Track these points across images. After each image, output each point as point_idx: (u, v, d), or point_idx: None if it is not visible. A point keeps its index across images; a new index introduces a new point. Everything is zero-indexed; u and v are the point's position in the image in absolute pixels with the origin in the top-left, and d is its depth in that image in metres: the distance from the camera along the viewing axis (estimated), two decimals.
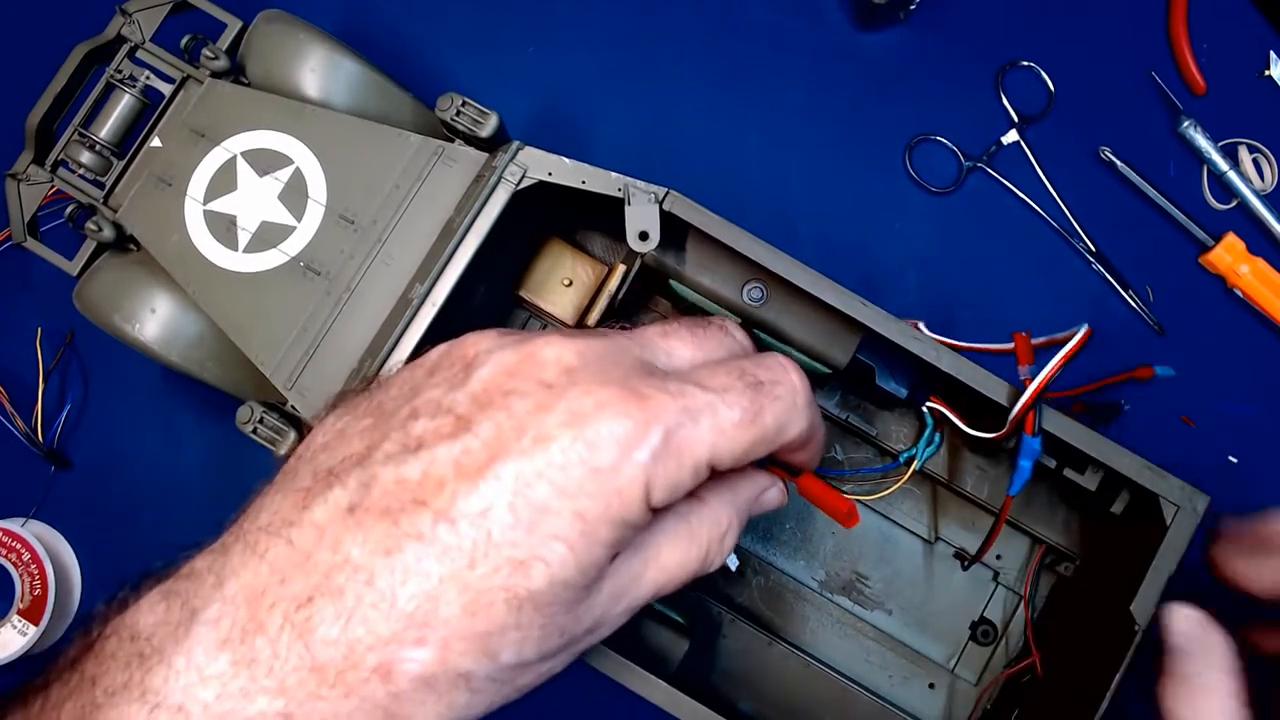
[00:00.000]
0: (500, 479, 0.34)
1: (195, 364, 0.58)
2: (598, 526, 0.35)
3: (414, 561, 0.34)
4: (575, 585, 0.35)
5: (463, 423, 0.36)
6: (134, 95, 0.60)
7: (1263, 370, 0.69)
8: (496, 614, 0.34)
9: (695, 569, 0.41)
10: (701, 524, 0.41)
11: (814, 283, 0.52)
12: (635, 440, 0.35)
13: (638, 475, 0.35)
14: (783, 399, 0.39)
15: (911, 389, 0.56)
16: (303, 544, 0.35)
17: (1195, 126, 0.69)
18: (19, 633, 0.66)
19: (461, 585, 0.34)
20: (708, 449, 0.37)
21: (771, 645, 0.61)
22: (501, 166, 0.53)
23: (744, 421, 0.38)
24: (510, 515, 0.34)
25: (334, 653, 0.34)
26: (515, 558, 0.34)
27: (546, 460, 0.34)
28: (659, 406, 0.36)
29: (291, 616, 0.34)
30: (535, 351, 0.37)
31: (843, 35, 0.73)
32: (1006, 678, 0.60)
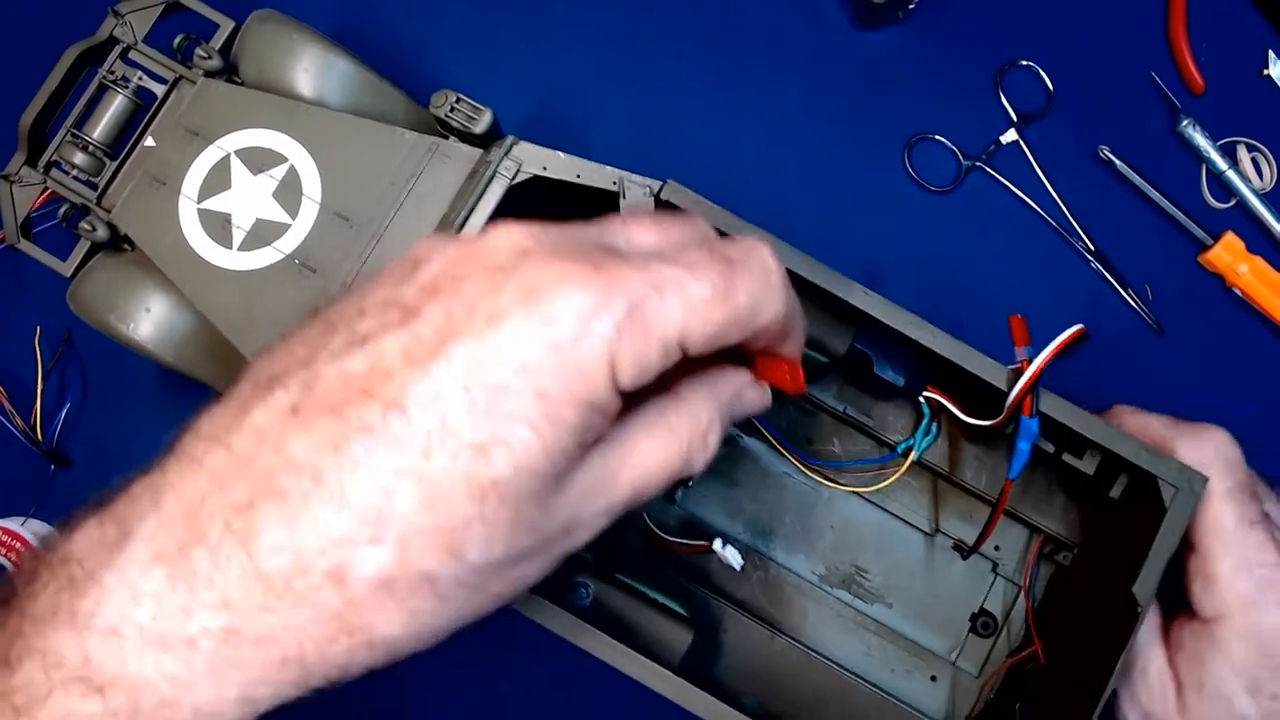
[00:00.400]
0: (452, 361, 0.32)
1: (191, 363, 0.58)
2: (561, 407, 0.32)
3: (363, 454, 0.31)
4: (543, 473, 0.33)
5: (410, 312, 0.33)
6: (127, 96, 0.60)
7: (1262, 369, 0.68)
8: (458, 506, 0.32)
9: (676, 467, 0.38)
10: (680, 418, 0.38)
11: (811, 269, 0.52)
12: (596, 311, 0.32)
13: (601, 349, 0.32)
14: (755, 275, 0.36)
15: (909, 378, 0.55)
16: (242, 449, 0.33)
17: (1194, 126, 0.69)
18: None
19: (417, 476, 0.31)
20: (677, 326, 0.34)
21: (773, 639, 0.61)
22: (496, 161, 0.53)
23: (715, 298, 0.35)
24: (465, 398, 0.31)
25: (280, 560, 0.31)
26: (474, 441, 0.31)
27: (500, 339, 0.32)
28: (621, 278, 0.33)
29: (232, 524, 0.32)
30: (485, 239, 0.35)
31: (842, 35, 0.73)
32: (1008, 668, 0.60)
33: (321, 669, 0.33)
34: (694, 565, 0.62)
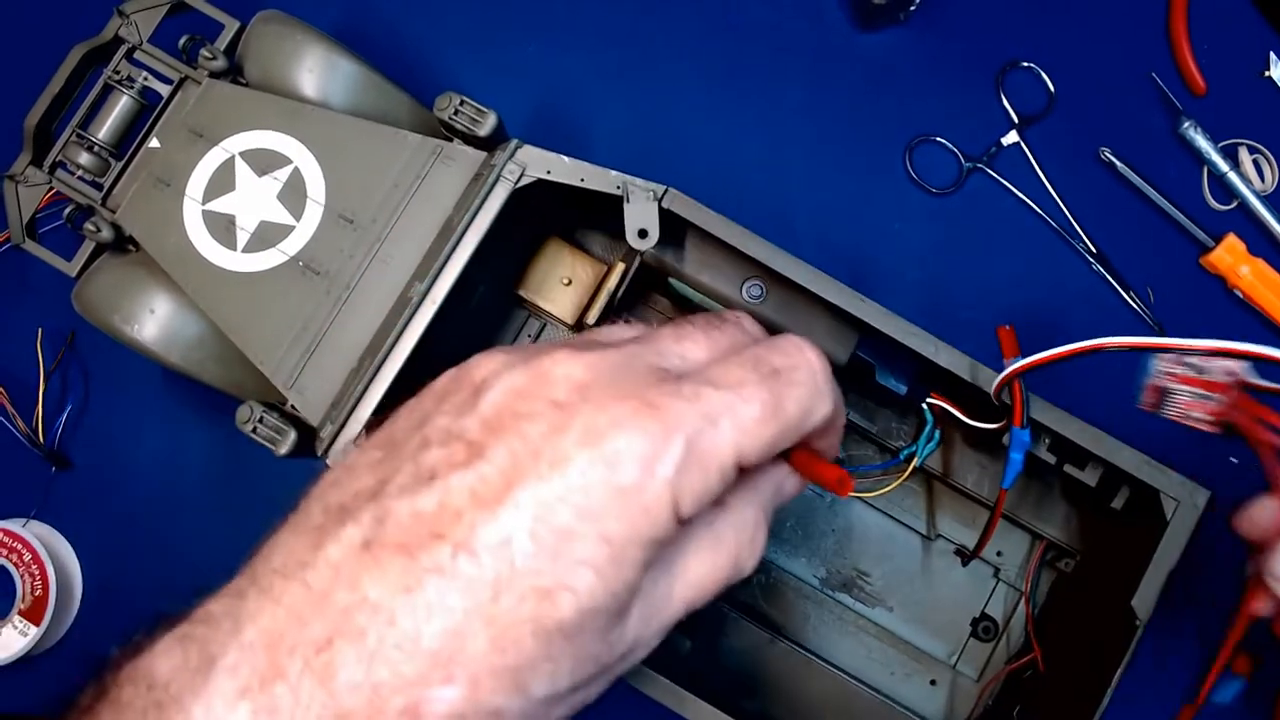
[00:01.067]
0: (519, 506, 0.33)
1: (195, 364, 0.58)
2: (626, 549, 0.33)
3: (436, 597, 0.32)
4: (606, 611, 0.34)
5: (475, 449, 0.34)
6: (132, 96, 0.60)
7: (1263, 371, 0.68)
8: (525, 647, 0.33)
9: (727, 576, 0.39)
10: (727, 528, 0.38)
11: (813, 279, 0.52)
12: (656, 454, 0.33)
13: (663, 491, 0.33)
14: (803, 384, 0.37)
15: (911, 386, 0.56)
16: (319, 585, 0.34)
17: (1195, 127, 0.69)
18: (20, 633, 0.66)
19: (487, 619, 0.32)
20: (733, 450, 0.35)
21: (773, 643, 0.61)
22: (500, 165, 0.53)
23: (765, 416, 0.36)
24: (532, 543, 0.32)
25: (358, 698, 0.32)
26: (541, 586, 0.32)
27: (566, 484, 0.33)
28: (676, 415, 0.34)
29: (311, 661, 0.32)
30: (544, 370, 0.36)
31: (843, 35, 0.73)
32: (1008, 674, 0.60)
33: None
34: None
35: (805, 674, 0.61)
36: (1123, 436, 0.52)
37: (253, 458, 0.62)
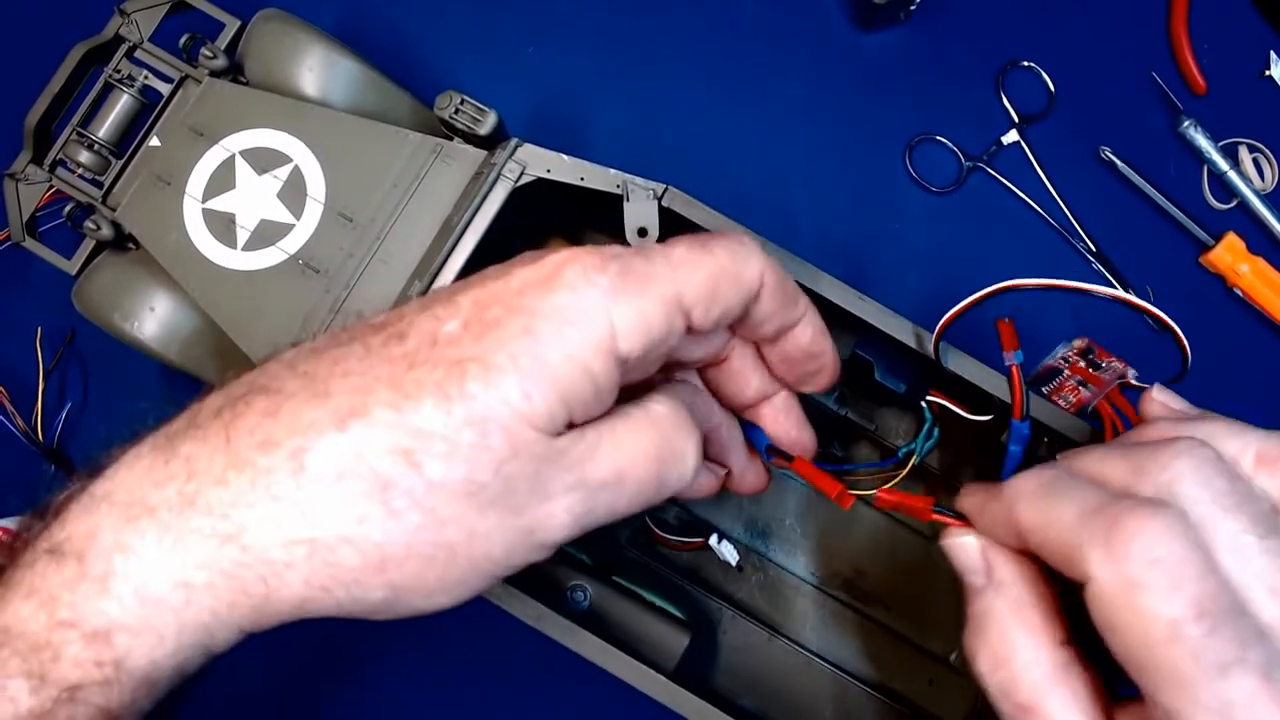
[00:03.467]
0: (457, 304, 0.35)
1: (194, 362, 0.58)
2: (546, 347, 0.34)
3: (355, 364, 0.34)
4: (514, 408, 0.33)
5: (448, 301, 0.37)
6: (132, 95, 0.61)
7: (1263, 370, 0.69)
8: (424, 413, 0.33)
9: (653, 467, 0.37)
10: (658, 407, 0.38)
11: (813, 278, 0.52)
12: (593, 268, 0.35)
13: (597, 300, 0.35)
14: (729, 239, 0.39)
15: (910, 384, 0.56)
16: (261, 369, 0.36)
17: (1195, 126, 0.69)
18: None
19: (392, 380, 0.33)
20: (670, 280, 0.36)
21: (771, 641, 0.61)
22: (500, 163, 0.53)
23: (692, 252, 0.37)
24: (460, 327, 0.34)
25: (250, 439, 0.33)
26: (453, 358, 0.33)
27: (504, 286, 0.35)
28: (614, 250, 0.36)
29: (223, 413, 0.35)
30: None
31: (843, 35, 0.73)
32: None
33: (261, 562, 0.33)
34: (692, 566, 0.63)
35: (803, 672, 0.61)
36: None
37: None
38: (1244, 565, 0.31)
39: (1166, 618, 0.29)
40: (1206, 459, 0.33)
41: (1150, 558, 0.30)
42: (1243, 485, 0.33)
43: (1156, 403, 0.42)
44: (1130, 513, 0.31)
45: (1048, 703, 0.34)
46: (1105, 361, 0.47)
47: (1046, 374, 0.49)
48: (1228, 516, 0.31)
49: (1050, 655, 0.35)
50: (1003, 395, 0.51)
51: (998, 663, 0.36)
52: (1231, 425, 0.36)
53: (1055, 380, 0.49)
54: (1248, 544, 0.31)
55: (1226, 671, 0.29)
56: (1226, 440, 0.35)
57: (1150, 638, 0.30)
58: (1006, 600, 0.37)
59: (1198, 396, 0.67)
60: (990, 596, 0.37)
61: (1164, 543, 0.30)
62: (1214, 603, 0.30)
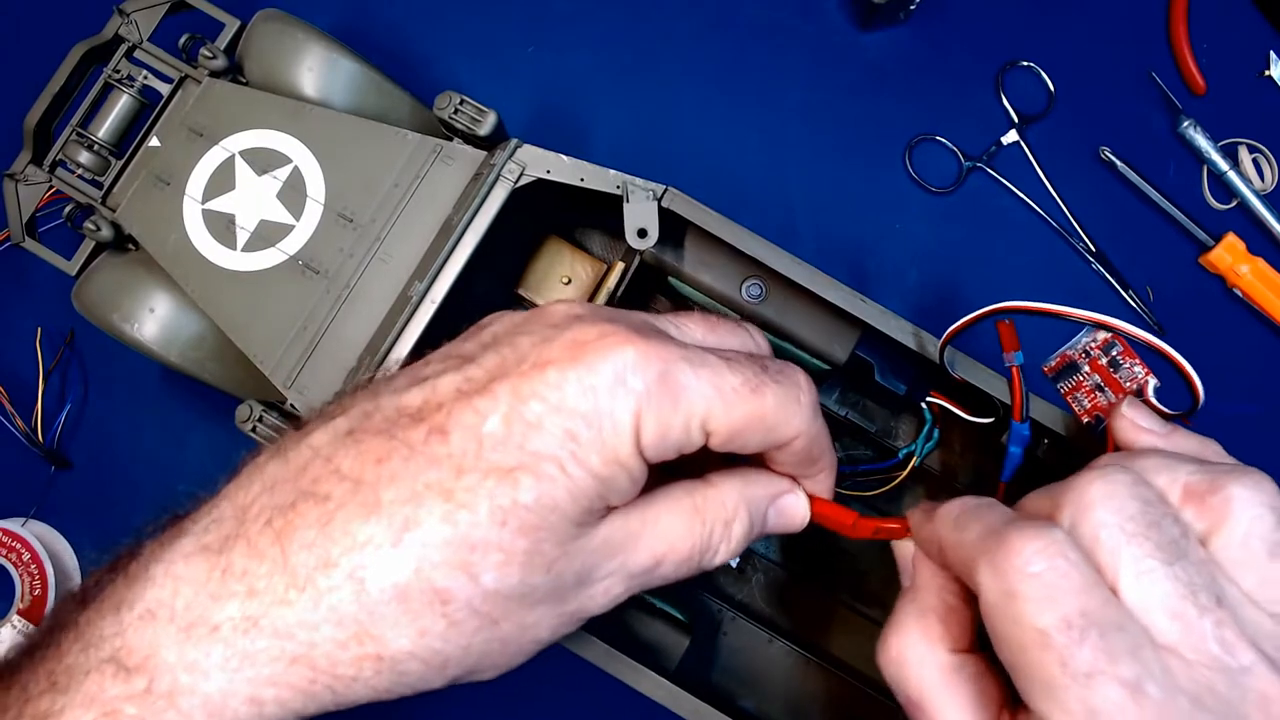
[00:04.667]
0: (495, 396, 0.35)
1: (194, 363, 0.58)
2: (588, 451, 0.34)
3: (401, 467, 0.34)
4: (563, 511, 0.34)
5: (468, 359, 0.37)
6: (132, 95, 0.60)
7: (1263, 370, 0.69)
8: (480, 525, 0.33)
9: (696, 549, 0.39)
10: (706, 501, 0.39)
11: (813, 279, 0.52)
12: (632, 368, 0.35)
13: (629, 403, 0.34)
14: (786, 387, 0.38)
15: (910, 385, 0.56)
16: (297, 460, 0.36)
17: (1195, 126, 0.69)
18: (19, 633, 0.65)
19: (445, 492, 0.33)
20: (703, 402, 0.36)
21: (772, 642, 0.61)
22: (500, 164, 0.53)
23: (744, 389, 0.36)
24: (503, 427, 0.34)
25: (308, 556, 0.33)
26: (503, 466, 0.34)
27: (543, 380, 0.34)
28: (660, 346, 0.35)
29: (274, 522, 0.34)
30: (545, 307, 0.39)
31: (843, 35, 0.73)
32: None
33: (329, 676, 0.34)
34: None
35: (804, 673, 0.61)
36: None
37: None
38: (1146, 588, 0.32)
39: (1038, 626, 0.31)
40: (1120, 484, 0.34)
41: (1027, 571, 0.31)
42: (1155, 512, 0.33)
43: (1125, 419, 0.42)
44: (1017, 531, 0.33)
45: (935, 700, 0.36)
46: (1128, 362, 0.47)
47: (1064, 367, 0.48)
48: (1133, 541, 0.32)
49: (942, 659, 0.37)
50: (1004, 396, 0.51)
51: (894, 659, 0.38)
52: (1166, 459, 0.36)
53: (1073, 377, 0.48)
54: (1151, 568, 0.32)
55: (1091, 680, 0.30)
56: (1158, 473, 0.36)
57: (1024, 644, 0.31)
58: (916, 604, 0.39)
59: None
60: (906, 599, 0.39)
61: (1042, 558, 0.32)
62: (1086, 616, 0.30)
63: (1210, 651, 0.31)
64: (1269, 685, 0.30)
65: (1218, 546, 0.34)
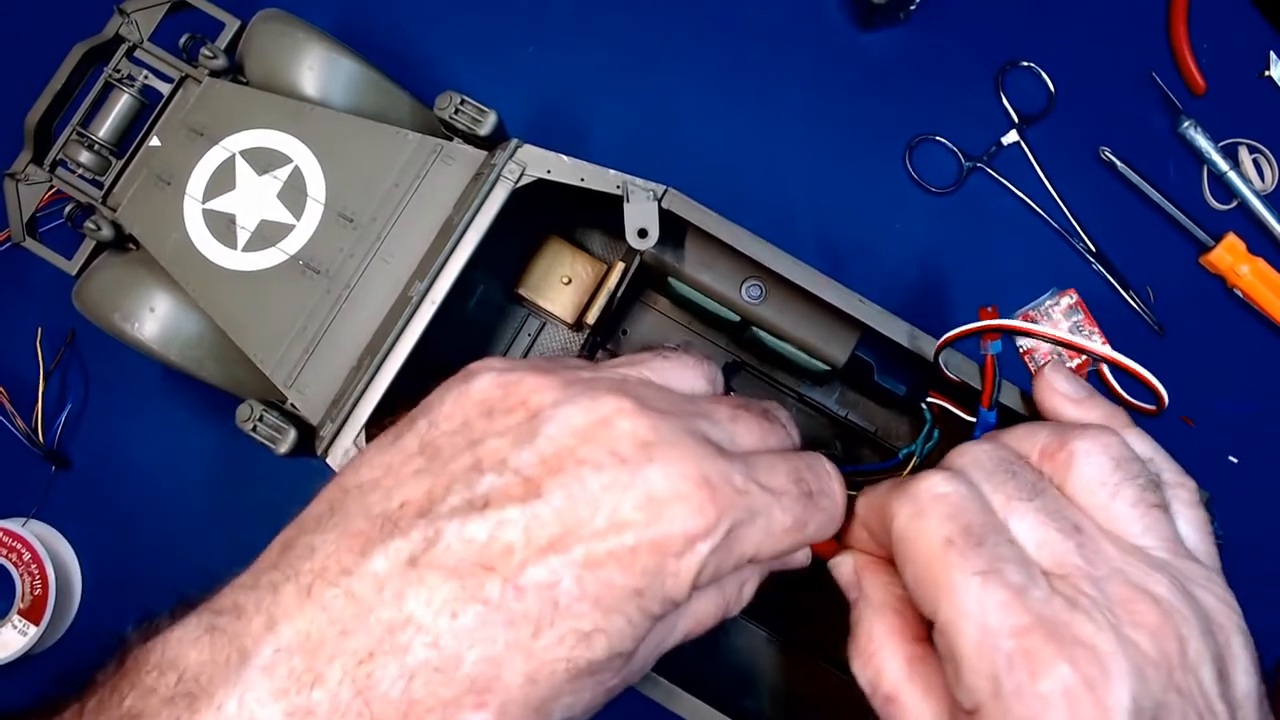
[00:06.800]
0: (570, 554, 0.34)
1: (194, 363, 0.58)
2: (652, 603, 0.36)
3: (480, 626, 0.34)
4: (627, 654, 0.36)
5: (532, 486, 0.36)
6: (132, 95, 0.61)
7: (1263, 370, 0.69)
8: (556, 682, 0.34)
9: (720, 618, 0.42)
10: (729, 583, 0.41)
11: (813, 280, 0.52)
12: (701, 535, 0.36)
13: (696, 565, 0.36)
14: (827, 511, 0.41)
15: (910, 385, 0.56)
16: (363, 595, 0.34)
17: (1195, 127, 0.69)
18: (19, 633, 0.66)
19: (526, 653, 0.34)
20: (755, 547, 0.38)
21: (771, 641, 0.61)
22: (500, 164, 0.53)
23: (792, 528, 0.39)
24: (577, 588, 0.34)
25: (393, 712, 0.33)
26: (579, 630, 0.34)
27: (619, 542, 0.35)
28: (727, 503, 0.36)
29: (352, 671, 0.33)
30: (608, 418, 0.37)
31: (843, 35, 0.73)
32: None
33: None
34: None
35: (804, 673, 0.61)
36: None
37: (253, 456, 0.62)
38: (1018, 522, 0.38)
39: (941, 535, 0.37)
40: (984, 450, 0.41)
41: (935, 493, 0.38)
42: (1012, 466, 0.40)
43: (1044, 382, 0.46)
44: (923, 475, 0.39)
45: (905, 692, 0.39)
46: (1089, 329, 0.48)
47: None
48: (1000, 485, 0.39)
49: (906, 650, 0.40)
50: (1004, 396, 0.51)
51: (865, 660, 0.41)
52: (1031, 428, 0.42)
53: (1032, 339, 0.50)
54: (1018, 506, 0.38)
55: (986, 580, 0.35)
56: (1020, 440, 0.42)
57: (929, 554, 0.37)
58: (870, 606, 0.42)
59: (1198, 397, 0.67)
60: (860, 606, 0.43)
61: (947, 484, 0.38)
62: (982, 529, 0.37)
63: (1075, 564, 0.36)
64: (1126, 590, 0.36)
65: (1070, 493, 0.39)
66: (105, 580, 0.70)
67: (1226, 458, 0.67)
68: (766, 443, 0.42)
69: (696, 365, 0.44)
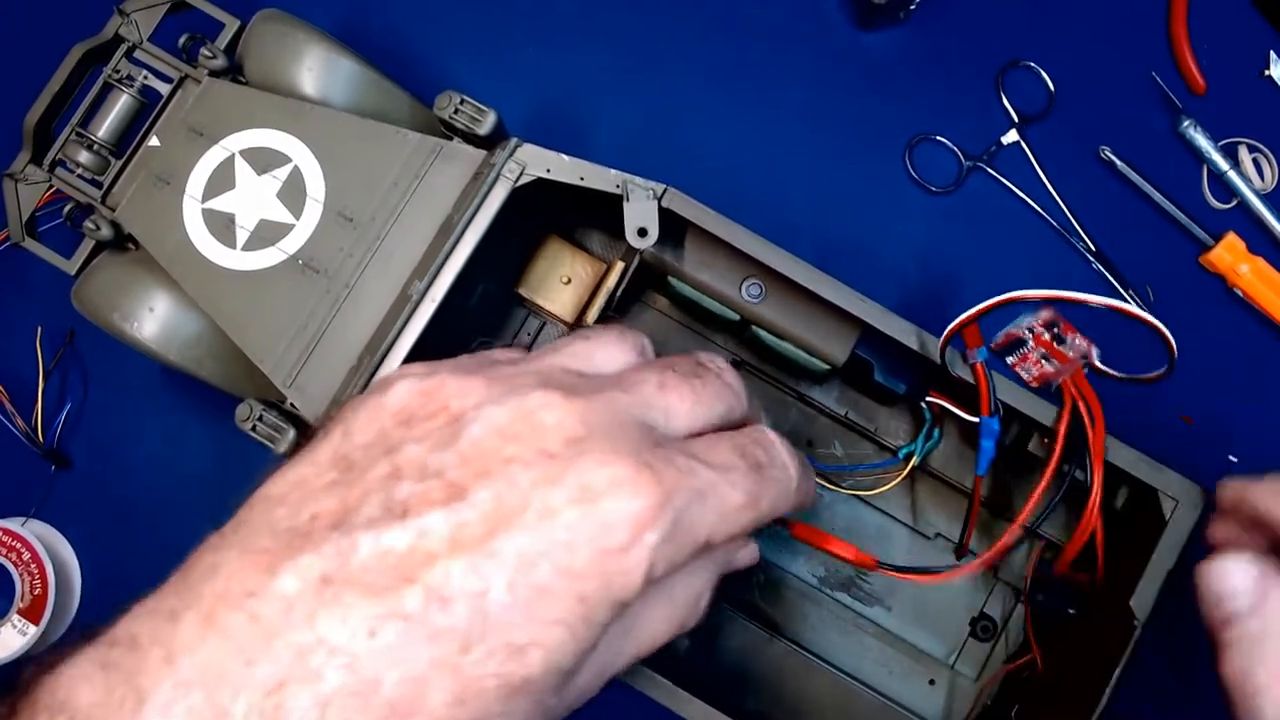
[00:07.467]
0: (500, 556, 0.31)
1: (194, 362, 0.58)
2: (598, 609, 0.32)
3: (400, 644, 0.30)
4: (567, 670, 0.33)
5: (455, 489, 0.33)
6: (132, 95, 0.60)
7: (1263, 370, 0.69)
8: (487, 701, 0.31)
9: (672, 633, 0.39)
10: (680, 589, 0.38)
11: (813, 279, 0.52)
12: (648, 522, 0.33)
13: (645, 558, 0.33)
14: (779, 481, 0.39)
15: (910, 384, 0.56)
16: (270, 618, 0.31)
17: (1195, 126, 0.69)
18: (19, 632, 0.66)
19: (452, 671, 0.31)
20: (708, 530, 0.35)
21: (771, 642, 0.61)
22: (500, 163, 0.53)
23: (744, 504, 0.36)
24: (509, 595, 0.31)
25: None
26: (512, 643, 0.31)
27: (552, 539, 0.32)
28: (671, 485, 0.33)
29: (259, 704, 0.29)
30: (532, 413, 0.34)
31: (843, 35, 0.73)
32: (1006, 674, 0.60)
33: None
34: None
35: (804, 673, 0.61)
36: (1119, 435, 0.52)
37: (252, 456, 0.62)
38: None
39: None
40: None
41: None
42: None
43: None
44: None
45: None
46: (1070, 337, 0.48)
47: (1010, 343, 0.49)
48: None
49: None
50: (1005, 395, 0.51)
51: None
52: None
53: (1019, 351, 0.49)
54: None
55: None
56: None
57: None
58: None
59: (1198, 397, 0.67)
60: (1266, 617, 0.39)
61: None
62: None
63: None
64: None
65: None
66: (105, 580, 0.70)
67: (1226, 457, 0.67)
68: (703, 404, 0.39)
69: (620, 340, 0.41)
